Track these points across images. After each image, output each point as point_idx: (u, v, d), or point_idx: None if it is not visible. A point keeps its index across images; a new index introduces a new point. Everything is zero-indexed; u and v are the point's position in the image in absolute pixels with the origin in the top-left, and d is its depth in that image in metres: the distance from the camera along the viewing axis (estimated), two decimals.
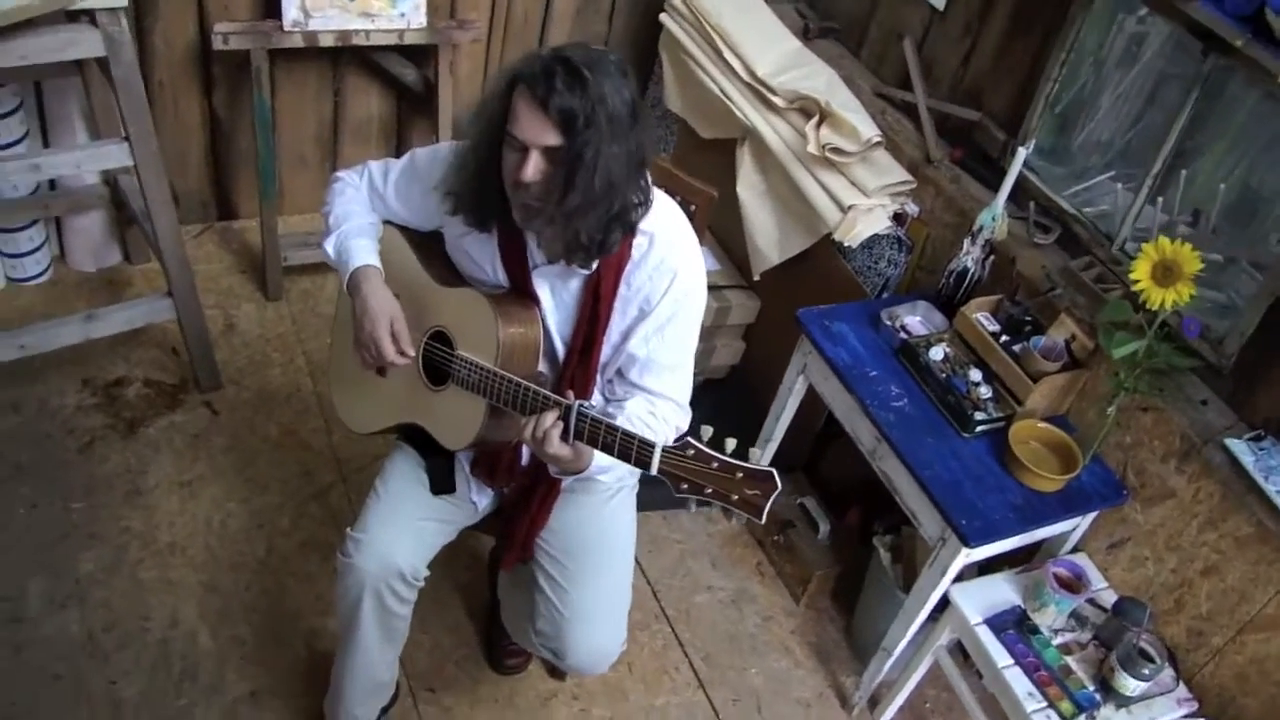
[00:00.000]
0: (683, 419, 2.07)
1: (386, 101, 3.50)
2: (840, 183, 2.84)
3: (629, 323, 1.98)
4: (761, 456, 1.60)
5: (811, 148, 2.84)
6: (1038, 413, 2.55)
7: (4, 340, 2.69)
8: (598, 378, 2.05)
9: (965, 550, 2.33)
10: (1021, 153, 2.52)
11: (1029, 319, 2.62)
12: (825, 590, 2.96)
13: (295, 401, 3.07)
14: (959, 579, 2.53)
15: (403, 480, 2.15)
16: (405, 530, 2.10)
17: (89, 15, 2.40)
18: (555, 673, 2.63)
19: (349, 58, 3.33)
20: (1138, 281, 2.25)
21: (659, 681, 2.70)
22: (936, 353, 2.59)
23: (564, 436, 1.76)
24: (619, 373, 2.03)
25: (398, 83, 3.42)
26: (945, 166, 2.84)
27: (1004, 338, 2.59)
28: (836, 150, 2.81)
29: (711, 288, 3.16)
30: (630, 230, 1.88)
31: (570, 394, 1.79)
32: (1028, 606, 2.47)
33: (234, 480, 2.85)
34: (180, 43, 3.14)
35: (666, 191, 2.18)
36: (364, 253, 2.06)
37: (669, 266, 1.93)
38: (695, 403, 3.16)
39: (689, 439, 1.62)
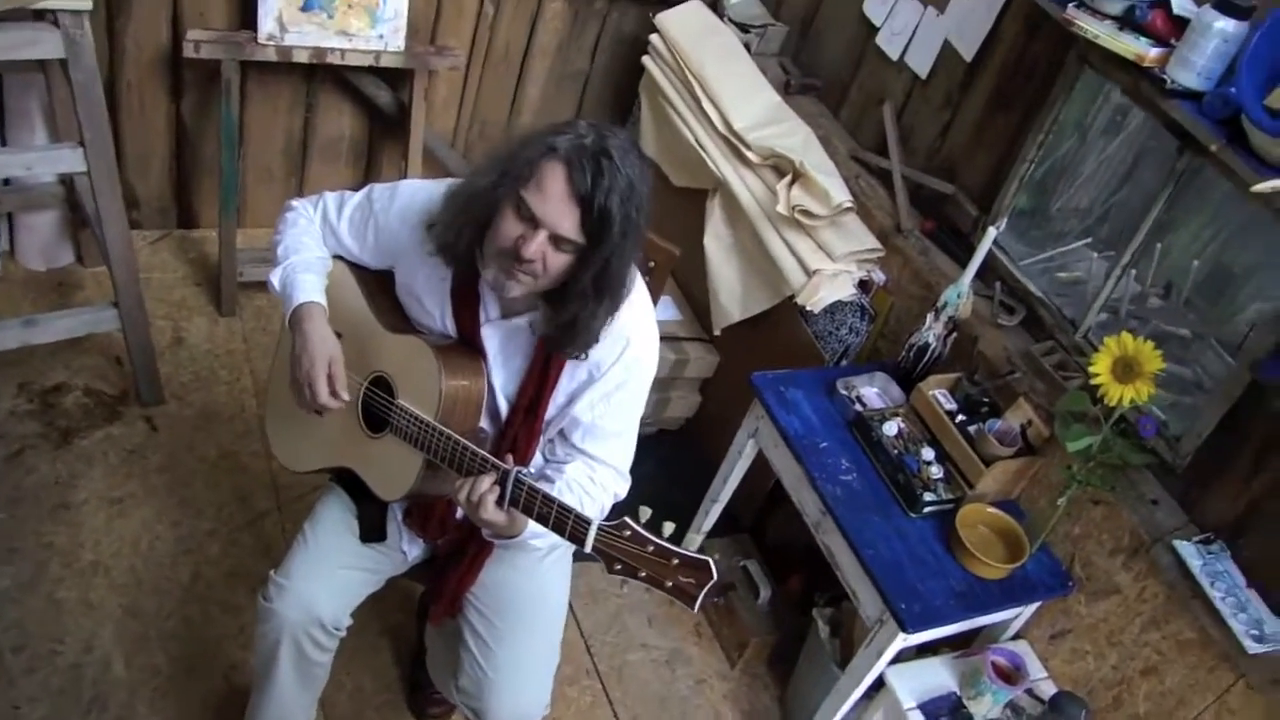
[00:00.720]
0: (622, 486, 2.03)
1: (358, 121, 3.43)
2: (807, 245, 2.80)
3: (576, 385, 1.92)
4: (698, 541, 1.57)
5: (781, 207, 2.80)
6: (988, 497, 2.52)
7: None
8: (540, 438, 2.00)
9: (903, 635, 2.28)
10: (991, 232, 2.49)
11: (986, 400, 2.58)
12: (761, 656, 2.91)
13: (238, 423, 2.99)
14: (896, 658, 2.50)
15: (331, 525, 2.09)
16: (330, 579, 2.03)
17: (52, 16, 2.34)
18: None
19: (323, 75, 3.28)
20: (1097, 375, 2.21)
21: None
22: (890, 428, 2.55)
23: (499, 502, 1.72)
24: (561, 434, 1.98)
25: (371, 104, 3.36)
26: (915, 237, 2.81)
27: (960, 417, 2.56)
28: (806, 212, 2.77)
29: (671, 338, 3.14)
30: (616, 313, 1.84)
31: (510, 459, 1.75)
32: (964, 694, 2.42)
33: (166, 501, 2.77)
34: (151, 46, 3.07)
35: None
36: (309, 289, 1.96)
37: (621, 333, 1.88)
38: (646, 453, 3.12)
39: (626, 519, 1.59)
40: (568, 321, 1.76)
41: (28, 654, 2.40)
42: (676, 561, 1.55)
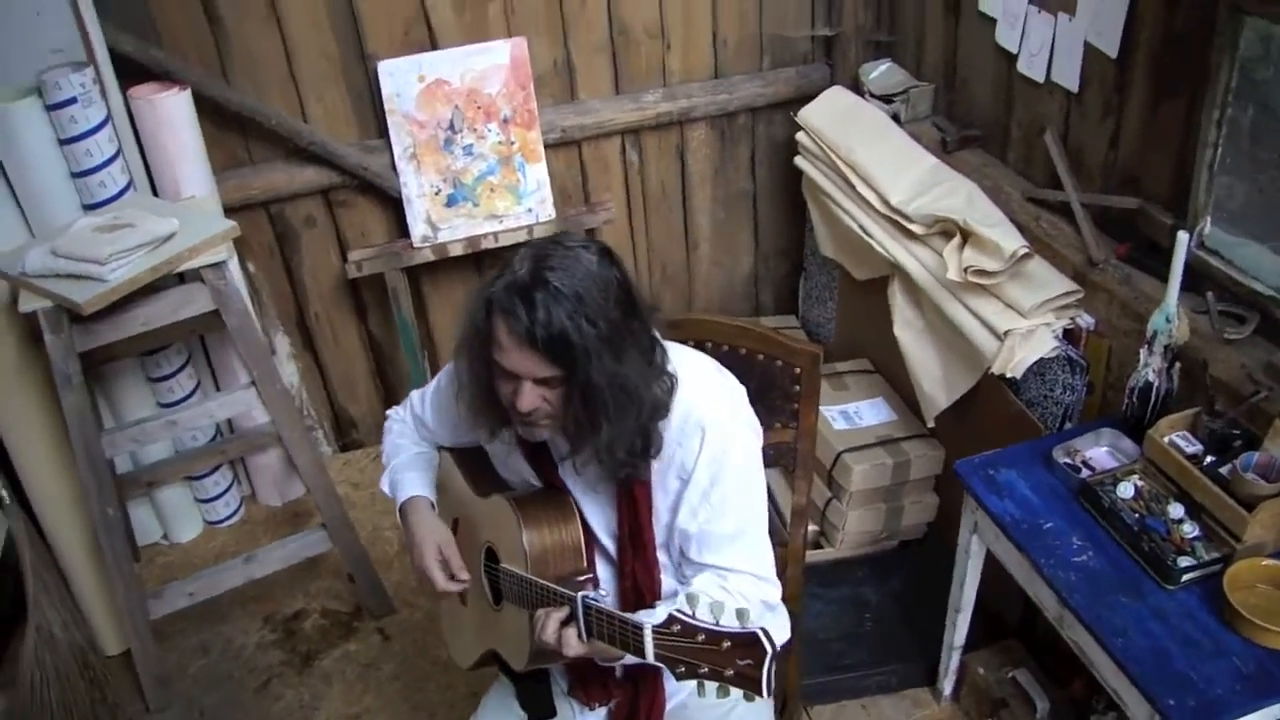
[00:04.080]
0: (769, 591, 1.80)
1: None
2: (994, 307, 2.50)
3: (673, 497, 1.76)
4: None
5: (953, 274, 2.53)
6: (1266, 548, 2.07)
7: (175, 589, 2.80)
8: (662, 567, 1.83)
9: None
10: (1183, 238, 2.12)
11: (1237, 432, 2.15)
12: None
13: None
14: None
15: (494, 715, 1.99)
16: None
17: (195, 273, 2.52)
18: None
19: (490, 259, 3.34)
20: None
21: None
22: (1125, 489, 2.17)
23: (575, 631, 1.60)
24: (683, 554, 1.80)
25: None
26: (1112, 266, 2.44)
27: (1209, 459, 2.14)
28: (981, 272, 2.49)
29: (888, 441, 2.89)
30: (667, 413, 1.69)
31: (590, 586, 1.66)
32: None
33: (401, 708, 2.77)
34: (326, 275, 3.27)
35: (767, 356, 2.00)
36: (411, 485, 1.99)
37: (694, 424, 1.70)
38: (892, 569, 2.88)
39: (675, 613, 1.42)
40: (597, 449, 1.63)
41: None
42: (728, 645, 1.37)
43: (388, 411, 2.12)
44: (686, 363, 1.77)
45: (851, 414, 2.97)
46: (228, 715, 2.79)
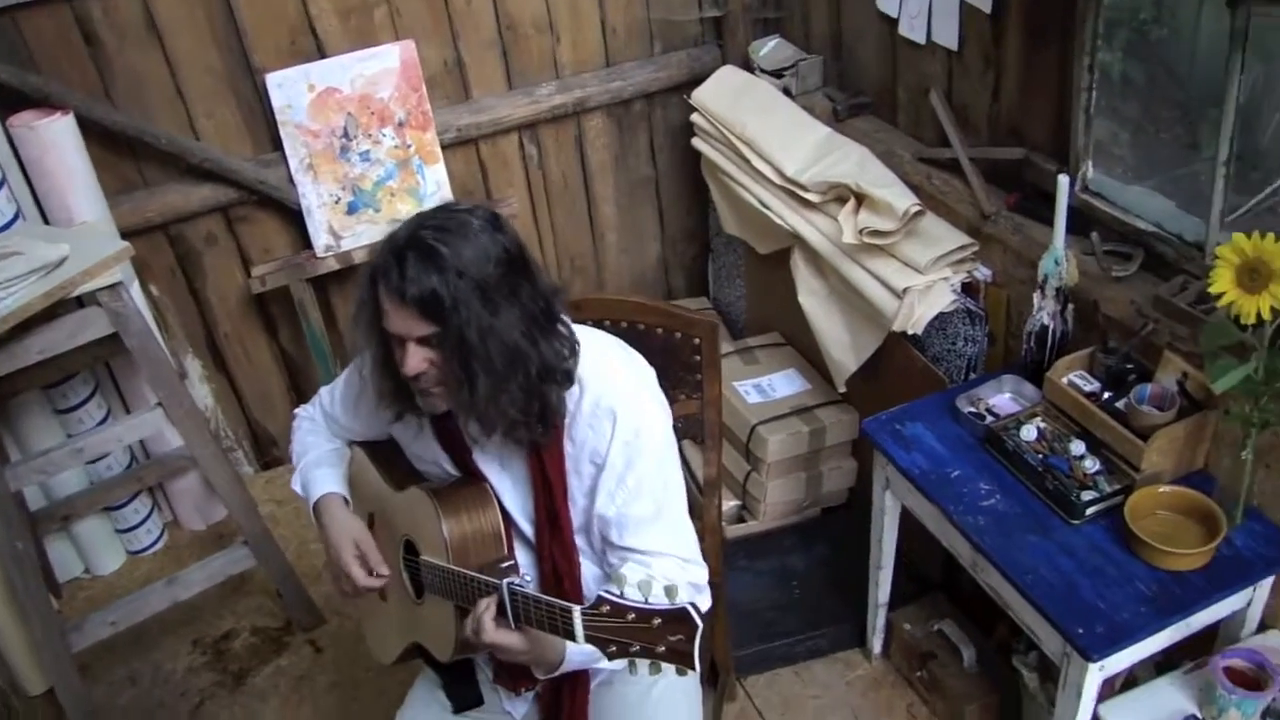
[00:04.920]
0: (694, 573, 1.79)
1: None
2: (891, 266, 2.54)
3: (588, 482, 1.77)
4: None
5: (848, 237, 2.57)
6: (1164, 475, 2.12)
7: (96, 620, 2.74)
8: (581, 551, 1.83)
9: (1091, 665, 1.92)
10: (1063, 181, 2.17)
11: (1130, 366, 2.21)
12: None
13: None
14: (1130, 686, 2.13)
15: (422, 706, 1.99)
16: None
17: (90, 296, 2.48)
18: None
19: None
20: (1223, 294, 1.84)
21: None
22: (1028, 432, 2.22)
23: (505, 621, 1.59)
24: (605, 540, 1.80)
25: None
26: (1004, 217, 2.49)
27: (1106, 395, 2.20)
28: (876, 233, 2.52)
29: (803, 410, 2.92)
30: (569, 382, 1.70)
31: (514, 573, 1.62)
32: (1204, 715, 2.00)
33: (337, 717, 2.74)
34: (232, 293, 3.23)
35: (665, 330, 2.00)
36: (323, 482, 1.97)
37: (605, 408, 1.72)
38: (815, 536, 2.90)
39: (603, 593, 1.42)
40: (483, 408, 1.63)
41: None
42: (659, 622, 1.38)
43: (295, 410, 2.10)
44: (595, 347, 1.78)
45: (765, 387, 3.00)
46: None
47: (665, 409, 1.81)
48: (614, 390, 1.73)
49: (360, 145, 3.11)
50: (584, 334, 1.77)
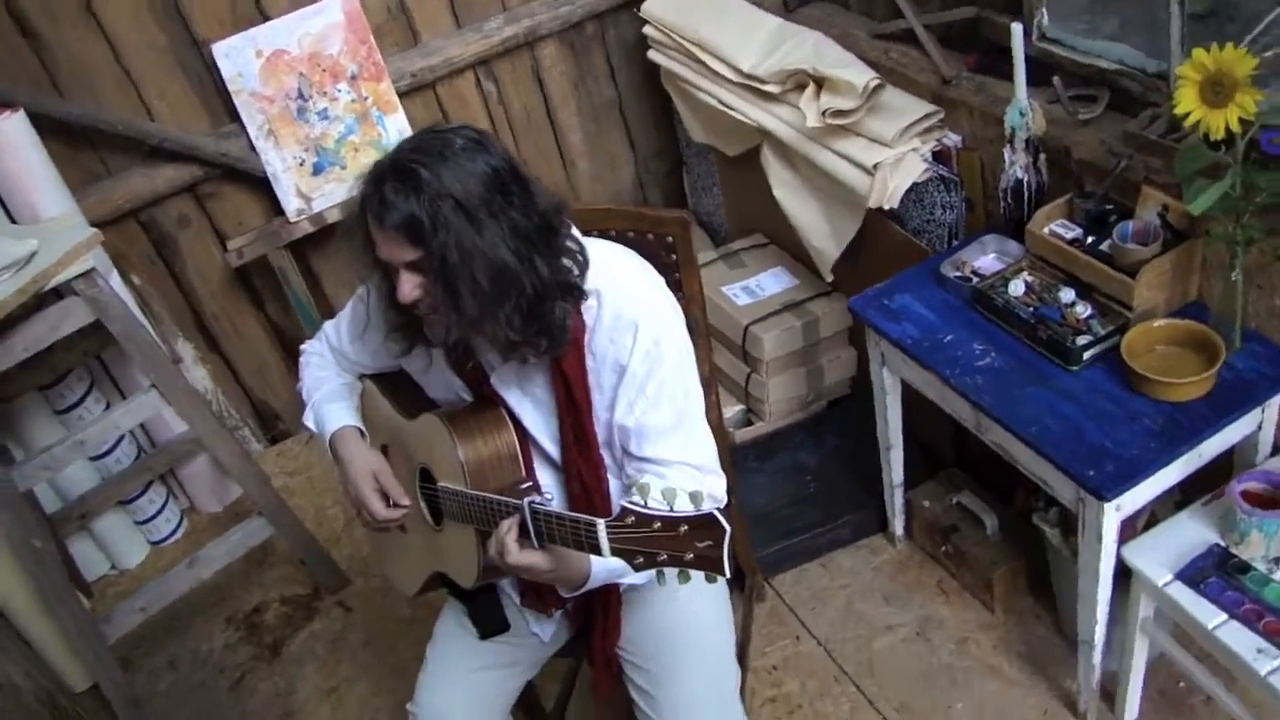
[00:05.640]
0: (712, 482, 1.77)
1: None
2: (859, 144, 2.50)
3: (609, 394, 1.74)
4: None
5: (812, 121, 2.53)
6: (1157, 310, 2.11)
7: (125, 609, 2.77)
8: (607, 466, 1.81)
9: (1107, 505, 1.91)
10: (1017, 29, 2.13)
11: (1110, 207, 2.18)
12: (1017, 589, 2.54)
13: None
14: (1149, 526, 2.11)
15: (448, 636, 2.00)
16: (460, 689, 1.94)
17: (67, 286, 2.47)
18: None
19: None
20: (1188, 114, 1.81)
21: None
22: (1016, 287, 2.20)
23: (529, 542, 1.57)
24: (625, 451, 1.78)
25: None
26: (965, 79, 2.45)
27: (1089, 239, 2.17)
28: (839, 113, 2.49)
29: (794, 305, 2.91)
30: (576, 298, 1.67)
31: (534, 494, 1.60)
32: (1227, 541, 1.99)
33: (378, 671, 2.77)
34: (213, 272, 3.22)
35: (636, 232, 1.98)
36: (336, 417, 1.96)
37: (627, 319, 1.69)
38: (824, 430, 2.90)
39: (627, 504, 1.39)
40: (482, 329, 1.62)
41: None
42: (685, 529, 1.35)
43: (302, 346, 2.07)
44: (609, 258, 1.76)
45: (753, 288, 2.98)
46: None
47: (681, 316, 1.79)
48: (633, 301, 1.71)
49: (317, 104, 3.07)
50: (596, 246, 1.75)
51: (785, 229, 2.91)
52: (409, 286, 1.59)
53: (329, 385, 2.01)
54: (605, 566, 1.65)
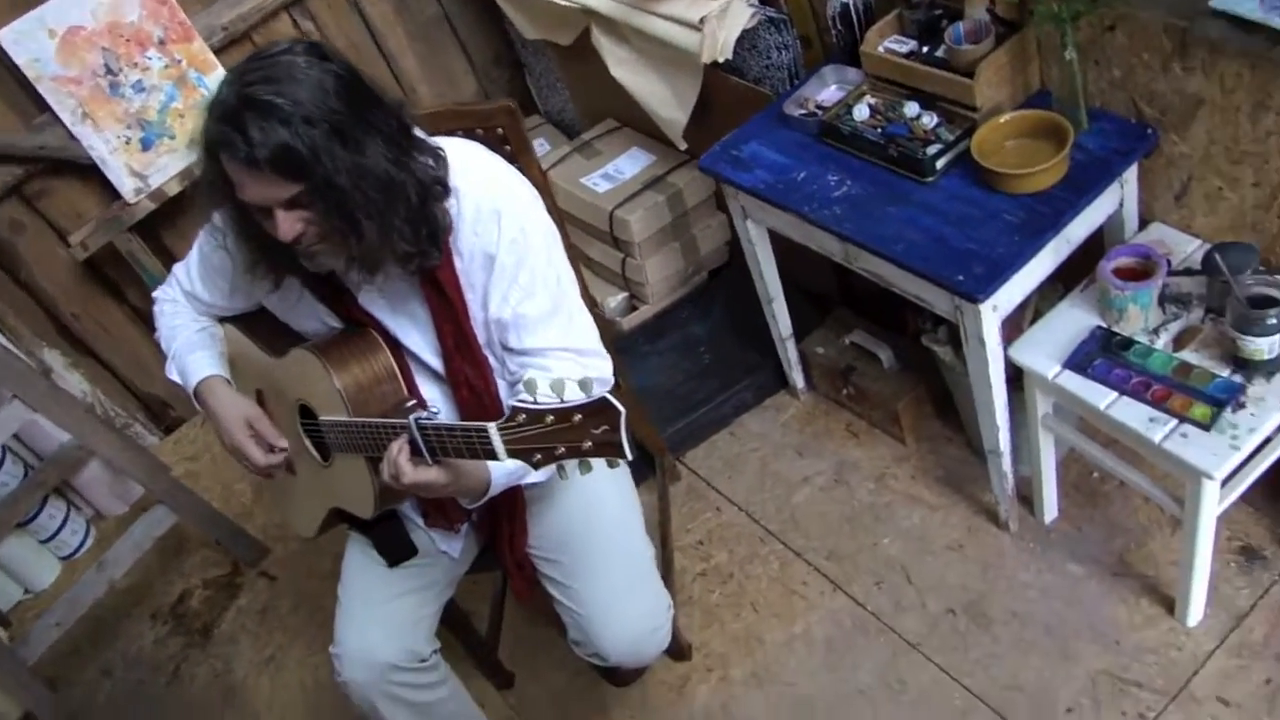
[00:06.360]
0: (597, 365, 1.73)
1: None
2: (681, 3, 2.43)
3: (482, 290, 1.68)
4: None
5: None
6: (1003, 106, 2.08)
7: (40, 628, 2.70)
8: (493, 369, 1.76)
9: (983, 306, 1.90)
10: None
11: (939, 12, 2.14)
12: (924, 416, 2.55)
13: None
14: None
15: (358, 571, 1.95)
16: (379, 621, 1.89)
17: None
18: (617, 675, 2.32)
19: None
20: None
21: (790, 606, 2.36)
22: (860, 111, 2.16)
23: (422, 459, 1.51)
24: (505, 348, 1.72)
25: None
26: None
27: (924, 49, 2.14)
28: None
29: (655, 181, 2.87)
30: (447, 193, 1.60)
31: (419, 410, 1.53)
32: (1108, 322, 1.99)
33: (311, 632, 2.72)
34: (61, 272, 3.08)
35: (465, 130, 1.90)
36: (200, 366, 1.87)
37: (488, 210, 1.63)
38: (708, 301, 2.86)
39: (516, 403, 1.34)
40: (376, 250, 1.54)
41: None
42: (579, 418, 1.29)
43: (154, 294, 1.96)
44: (459, 151, 1.68)
45: (611, 173, 2.92)
46: (151, 718, 2.72)
47: (541, 202, 1.73)
48: (492, 190, 1.65)
49: (129, 77, 2.91)
50: (453, 143, 1.68)
51: (633, 108, 2.83)
52: (289, 224, 1.50)
53: (186, 333, 1.92)
54: (504, 471, 1.62)
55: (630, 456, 1.30)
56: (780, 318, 2.55)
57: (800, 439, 2.64)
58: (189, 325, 1.92)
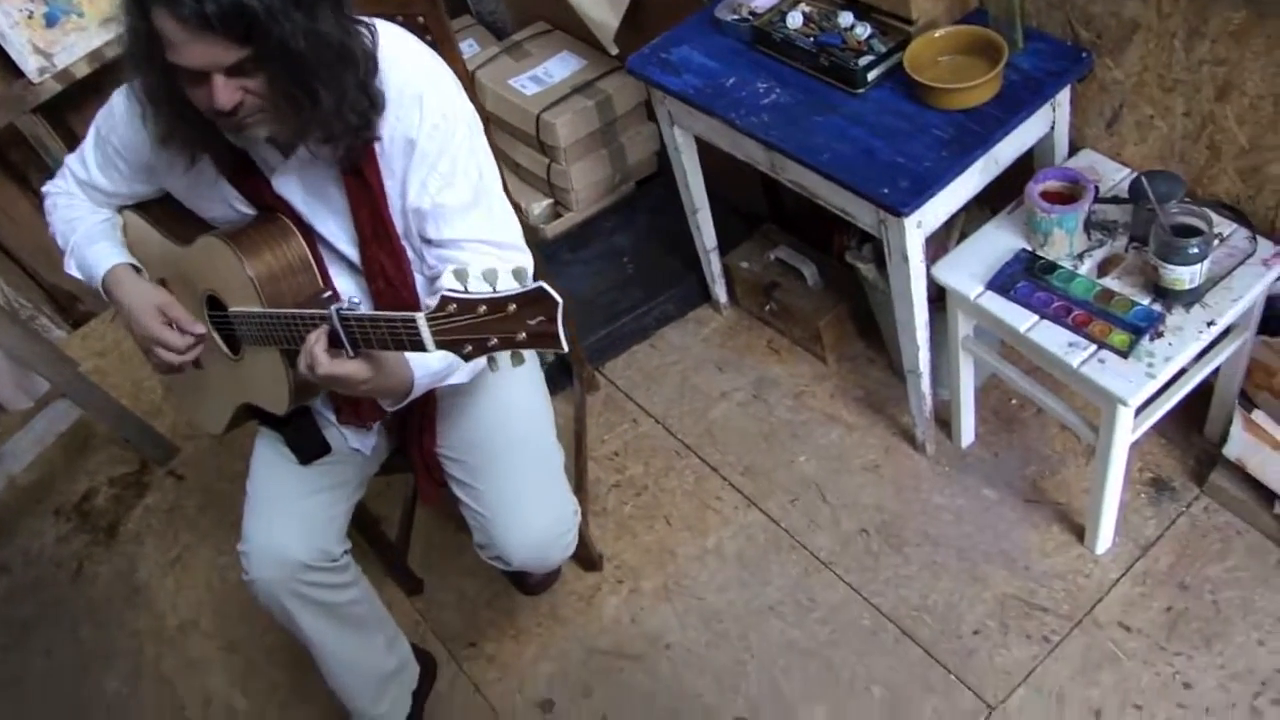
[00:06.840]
0: (516, 257, 1.65)
1: None
2: None
3: (401, 176, 1.60)
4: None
5: None
6: (939, 21, 2.04)
7: None
8: (410, 261, 1.69)
9: (905, 221, 1.87)
10: None
11: None
12: (846, 335, 2.53)
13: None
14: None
15: (269, 468, 1.89)
16: (289, 519, 1.84)
17: None
18: (526, 583, 2.34)
19: None
20: None
21: (703, 520, 2.36)
22: (794, 19, 2.11)
23: (341, 352, 1.43)
24: (424, 239, 1.65)
25: None
26: None
27: None
28: None
29: (584, 86, 2.80)
30: (376, 66, 1.51)
31: (332, 299, 1.46)
32: (1033, 245, 1.98)
33: (219, 534, 2.67)
34: None
35: (383, 17, 1.77)
36: (103, 257, 1.77)
37: (411, 94, 1.55)
38: (634, 212, 2.81)
39: (448, 291, 1.25)
40: (325, 122, 1.46)
41: None
42: (514, 307, 1.22)
43: (43, 189, 1.86)
44: (393, 37, 1.58)
45: (540, 75, 2.83)
46: (52, 615, 2.66)
47: (463, 91, 1.65)
48: (415, 74, 1.57)
49: None
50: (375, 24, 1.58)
51: (565, 11, 2.75)
52: (228, 92, 1.39)
53: (85, 225, 1.81)
54: (428, 370, 1.57)
55: (566, 349, 1.24)
56: (705, 229, 2.50)
57: (721, 354, 2.62)
58: (87, 217, 1.82)
